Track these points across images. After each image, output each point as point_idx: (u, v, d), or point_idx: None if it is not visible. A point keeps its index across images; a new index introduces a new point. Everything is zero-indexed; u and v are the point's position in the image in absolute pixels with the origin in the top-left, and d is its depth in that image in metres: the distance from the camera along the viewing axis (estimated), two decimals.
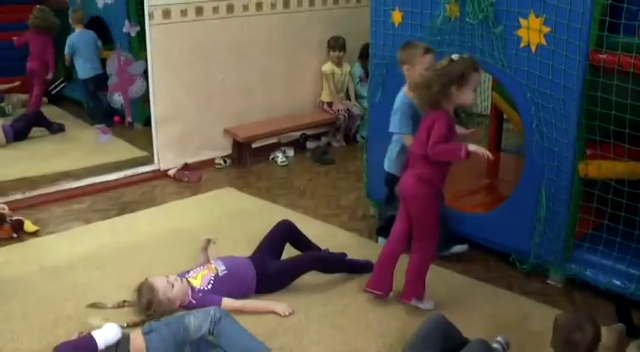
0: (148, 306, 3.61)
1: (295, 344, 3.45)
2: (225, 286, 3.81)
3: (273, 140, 6.48)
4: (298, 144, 6.60)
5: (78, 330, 3.36)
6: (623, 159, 3.63)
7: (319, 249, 4.24)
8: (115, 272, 4.17)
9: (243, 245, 4.41)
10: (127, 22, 6.36)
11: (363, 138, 4.90)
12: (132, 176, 5.84)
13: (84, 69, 7.16)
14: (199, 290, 3.77)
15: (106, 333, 3.17)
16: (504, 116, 5.36)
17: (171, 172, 5.89)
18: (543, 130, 3.81)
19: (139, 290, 3.67)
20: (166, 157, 5.96)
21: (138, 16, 6.34)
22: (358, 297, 3.88)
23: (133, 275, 4.09)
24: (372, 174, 4.88)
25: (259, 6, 6.25)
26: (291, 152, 6.44)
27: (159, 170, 5.95)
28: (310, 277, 4.00)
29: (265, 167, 6.18)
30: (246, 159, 6.21)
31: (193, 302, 3.70)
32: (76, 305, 3.78)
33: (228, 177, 5.96)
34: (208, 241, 4.16)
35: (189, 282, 3.79)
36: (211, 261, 3.98)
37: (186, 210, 5.19)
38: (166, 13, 5.68)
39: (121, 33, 6.54)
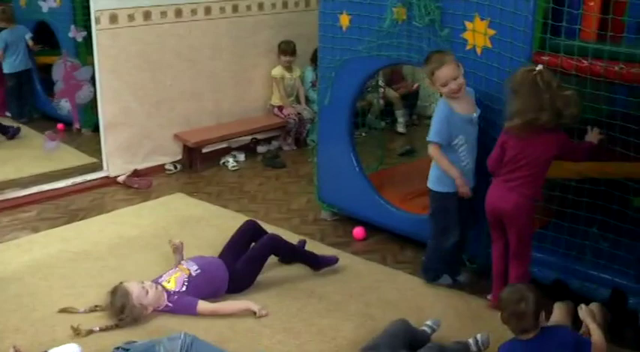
0: (120, 310, 3.58)
1: (248, 350, 3.43)
2: (200, 285, 3.83)
3: (224, 145, 6.46)
4: (249, 149, 6.59)
5: (14, 345, 3.32)
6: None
7: None
8: (63, 281, 4.11)
9: (195, 250, 4.37)
10: (72, 27, 6.26)
11: (313, 141, 4.91)
12: (81, 183, 5.75)
13: (12, 64, 7.14)
14: (174, 292, 3.76)
15: None
16: None
17: (120, 178, 5.82)
18: (490, 132, 3.86)
19: (113, 293, 3.65)
20: (116, 163, 5.89)
21: (84, 20, 6.25)
22: (311, 301, 3.89)
23: (82, 283, 4.07)
24: (323, 177, 4.91)
25: (208, 10, 6.23)
26: (241, 156, 6.43)
27: (108, 176, 5.87)
28: (264, 280, 4.01)
29: (216, 172, 6.15)
30: (196, 165, 6.18)
31: (170, 305, 3.69)
32: (23, 316, 3.72)
33: (178, 182, 5.92)
34: (181, 243, 4.18)
35: (163, 287, 3.78)
36: (182, 263, 3.98)
37: (137, 217, 5.13)
38: (113, 18, 5.62)
39: (68, 38, 6.44)
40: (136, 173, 5.89)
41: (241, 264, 4.01)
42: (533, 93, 3.39)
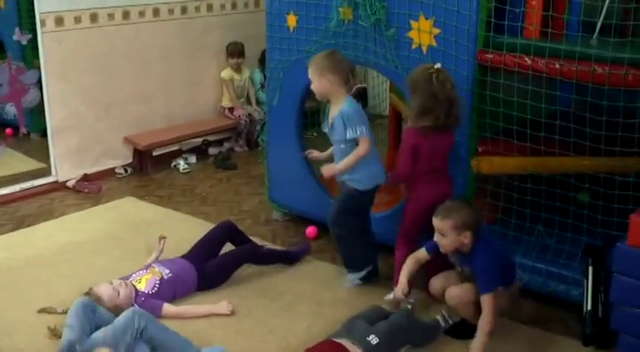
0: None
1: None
2: (171, 289, 3.85)
3: (175, 147, 6.42)
4: (200, 151, 6.55)
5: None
6: (513, 154, 3.77)
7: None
8: (11, 289, 4.03)
9: (145, 254, 4.35)
10: (17, 29, 6.16)
11: (264, 141, 4.92)
12: (28, 189, 5.65)
13: None
14: (143, 293, 3.75)
15: None
16: (403, 116, 5.47)
17: (70, 183, 5.74)
18: None
19: None
20: (64, 168, 5.81)
21: (30, 23, 6.15)
22: (263, 301, 3.90)
23: (30, 290, 4.00)
24: (274, 178, 4.91)
25: (156, 12, 6.18)
26: (193, 159, 6.39)
27: (57, 181, 5.78)
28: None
29: (167, 175, 6.11)
30: (147, 168, 6.12)
31: (136, 306, 3.65)
32: None
33: (129, 186, 5.86)
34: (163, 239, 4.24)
35: (133, 286, 3.77)
36: (153, 265, 3.97)
37: (87, 222, 5.06)
38: (59, 21, 5.54)
39: (13, 41, 6.32)
40: (85, 177, 5.81)
41: (214, 266, 4.04)
42: (428, 90, 3.52)
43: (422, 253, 3.61)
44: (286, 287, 4.06)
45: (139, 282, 3.82)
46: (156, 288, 3.79)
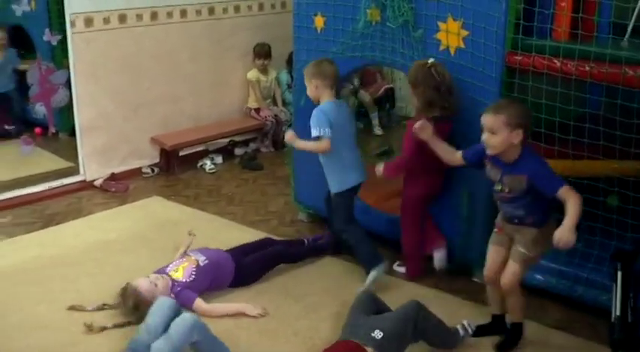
0: (135, 308, 3.61)
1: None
2: (208, 276, 3.90)
3: (201, 147, 6.45)
4: (226, 151, 6.57)
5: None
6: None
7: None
8: (40, 287, 4.08)
9: (173, 254, 4.37)
10: (47, 30, 6.22)
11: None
12: (57, 187, 5.71)
13: None
14: (180, 283, 3.80)
15: None
16: None
17: (97, 182, 5.79)
18: (464, 131, 3.88)
19: (124, 293, 3.69)
20: (92, 167, 5.86)
21: (59, 24, 6.21)
22: (287, 301, 3.90)
23: (58, 288, 4.04)
24: (300, 179, 4.92)
25: (184, 13, 6.22)
26: (219, 159, 6.42)
27: (85, 180, 5.84)
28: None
29: (193, 175, 6.14)
30: (173, 168, 6.16)
31: (172, 296, 3.68)
32: None
33: (155, 185, 5.90)
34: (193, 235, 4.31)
35: (169, 276, 3.82)
36: (189, 253, 4.03)
37: (114, 221, 5.11)
38: (88, 21, 5.59)
39: (43, 42, 6.39)
40: (112, 177, 5.86)
41: (252, 260, 4.10)
42: (430, 84, 3.76)
43: (457, 155, 3.55)
44: (310, 287, 4.06)
45: (176, 271, 3.87)
46: (192, 277, 3.83)
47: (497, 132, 3.17)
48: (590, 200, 3.64)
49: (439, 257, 4.19)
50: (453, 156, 3.56)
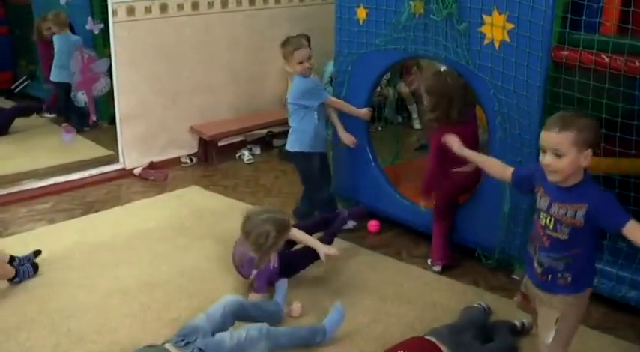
0: (265, 236, 3.64)
1: None
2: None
3: (240, 138, 6.46)
4: (265, 142, 6.57)
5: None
6: None
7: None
8: (79, 272, 4.12)
9: (211, 243, 4.41)
10: (89, 19, 6.27)
11: (329, 134, 4.90)
12: (97, 175, 5.77)
13: (54, 73, 6.85)
14: (270, 266, 3.78)
15: None
16: None
17: (136, 171, 5.84)
18: (506, 126, 3.84)
19: (249, 219, 3.72)
20: (131, 156, 5.91)
21: (102, 13, 6.26)
22: (325, 295, 3.89)
23: (97, 275, 4.07)
24: (338, 171, 4.89)
25: (224, 3, 6.22)
26: (257, 150, 6.42)
27: (124, 169, 5.89)
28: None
29: (232, 165, 6.16)
30: (212, 158, 6.18)
31: (254, 271, 3.73)
32: (40, 307, 3.73)
33: (194, 175, 5.92)
34: None
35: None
36: None
37: (152, 209, 5.14)
38: (130, 11, 5.62)
39: (85, 30, 6.44)
40: (151, 165, 5.91)
41: (294, 254, 4.08)
42: (448, 92, 3.96)
43: (507, 172, 3.06)
44: (349, 282, 4.04)
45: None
46: (276, 264, 3.83)
47: (564, 154, 2.61)
48: (636, 199, 3.58)
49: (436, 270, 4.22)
50: (503, 173, 3.11)
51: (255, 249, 3.67)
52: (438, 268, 4.18)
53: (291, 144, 4.61)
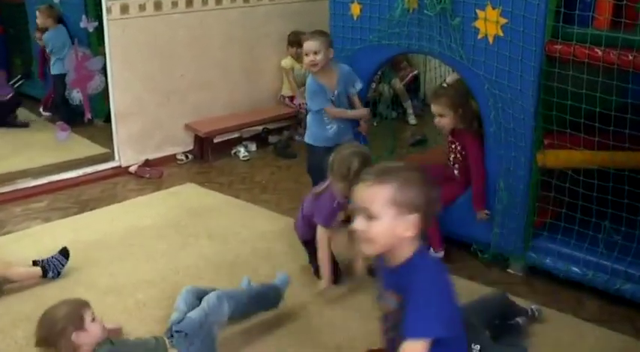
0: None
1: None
2: None
3: (235, 135, 6.45)
4: (260, 139, 6.57)
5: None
6: (579, 148, 3.68)
7: None
8: (75, 270, 4.10)
9: (206, 240, 4.40)
10: (84, 17, 6.27)
11: None
12: (92, 173, 5.77)
13: (61, 66, 6.79)
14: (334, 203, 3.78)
15: None
16: None
17: (132, 169, 5.84)
18: (501, 121, 3.84)
19: None
20: (127, 154, 5.91)
21: (96, 11, 6.25)
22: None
23: (94, 273, 4.07)
24: None
25: (219, 0, 6.21)
26: (253, 146, 6.42)
27: (119, 166, 5.89)
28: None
29: (227, 162, 6.16)
30: (207, 155, 6.18)
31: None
32: (35, 305, 3.72)
33: (189, 172, 5.92)
34: None
35: None
36: None
37: (148, 207, 5.14)
38: (124, 8, 5.61)
39: (79, 28, 6.45)
40: (147, 163, 5.91)
41: None
42: (466, 102, 4.09)
43: None
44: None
45: None
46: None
47: (376, 217, 2.09)
48: (630, 192, 3.59)
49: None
50: None
51: (340, 179, 3.67)
52: (441, 254, 4.19)
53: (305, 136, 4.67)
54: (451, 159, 4.29)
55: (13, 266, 3.93)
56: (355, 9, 4.42)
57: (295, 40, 6.65)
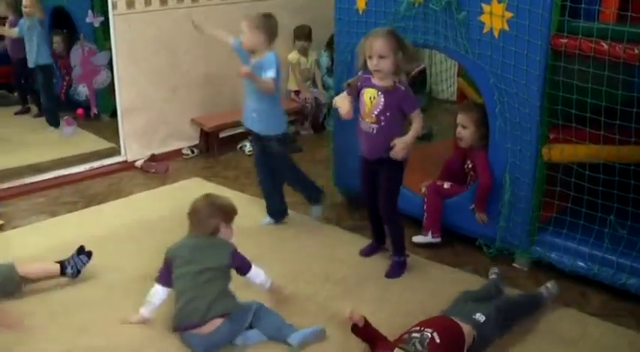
0: None
1: None
2: None
3: (241, 129, 6.44)
4: None
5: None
6: (585, 142, 3.67)
7: None
8: None
9: None
10: (90, 12, 6.28)
11: (330, 125, 4.92)
12: (98, 168, 5.79)
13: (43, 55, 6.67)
14: None
15: None
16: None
17: (138, 163, 5.85)
18: (507, 115, 3.84)
19: None
20: (133, 148, 5.93)
21: (102, 6, 6.26)
22: (326, 285, 3.90)
23: (100, 267, 4.07)
24: (340, 162, 4.90)
25: None
26: None
27: (126, 161, 5.91)
28: (276, 262, 4.02)
29: (233, 156, 6.17)
30: (213, 149, 6.20)
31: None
32: (42, 300, 3.74)
33: (195, 167, 5.93)
34: None
35: None
36: None
37: (154, 201, 5.16)
38: (130, 3, 5.63)
39: (85, 23, 6.45)
40: (153, 158, 5.92)
41: None
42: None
43: None
44: (350, 271, 4.05)
45: None
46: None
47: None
48: (636, 186, 3.58)
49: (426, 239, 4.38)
50: None
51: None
52: (438, 239, 4.32)
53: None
54: (468, 180, 4.38)
55: (30, 262, 3.90)
56: (361, 3, 4.41)
57: (301, 34, 6.65)
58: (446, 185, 4.34)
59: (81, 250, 4.02)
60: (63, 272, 3.89)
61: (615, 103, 3.54)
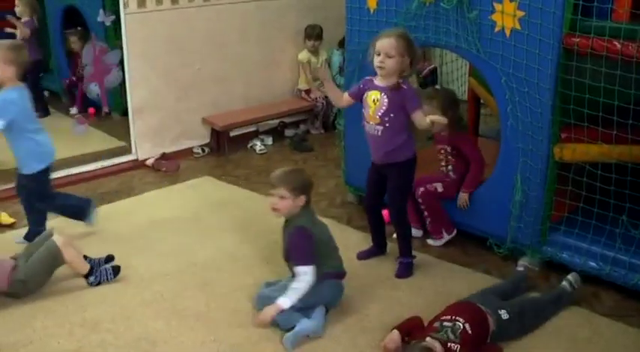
0: None
1: None
2: None
3: (252, 128, 6.47)
4: (276, 132, 6.59)
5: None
6: (597, 142, 3.65)
7: None
8: None
9: (223, 233, 4.42)
10: (101, 11, 6.29)
11: (340, 124, 4.92)
12: (109, 166, 5.81)
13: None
14: None
15: None
16: (481, 101, 5.39)
17: (149, 162, 5.87)
18: (518, 114, 3.83)
19: None
20: (144, 147, 5.94)
21: (113, 4, 6.27)
22: None
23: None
24: (350, 161, 4.89)
25: None
26: (269, 140, 6.44)
27: (137, 160, 5.92)
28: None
29: (244, 155, 6.17)
30: (224, 148, 6.20)
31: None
32: (54, 297, 3.76)
33: (206, 166, 5.94)
34: None
35: None
36: None
37: (165, 200, 5.17)
38: (141, 2, 5.64)
39: (97, 22, 6.47)
40: (164, 156, 5.93)
41: None
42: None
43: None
44: (361, 271, 4.04)
45: None
46: None
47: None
48: None
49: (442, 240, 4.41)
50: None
51: None
52: (453, 233, 4.39)
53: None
54: (443, 163, 4.39)
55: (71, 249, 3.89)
56: (372, 2, 4.41)
57: (312, 33, 6.65)
58: (439, 188, 4.34)
59: (109, 259, 4.03)
60: (86, 276, 3.90)
61: (628, 102, 3.52)
